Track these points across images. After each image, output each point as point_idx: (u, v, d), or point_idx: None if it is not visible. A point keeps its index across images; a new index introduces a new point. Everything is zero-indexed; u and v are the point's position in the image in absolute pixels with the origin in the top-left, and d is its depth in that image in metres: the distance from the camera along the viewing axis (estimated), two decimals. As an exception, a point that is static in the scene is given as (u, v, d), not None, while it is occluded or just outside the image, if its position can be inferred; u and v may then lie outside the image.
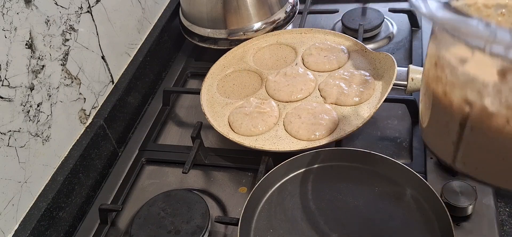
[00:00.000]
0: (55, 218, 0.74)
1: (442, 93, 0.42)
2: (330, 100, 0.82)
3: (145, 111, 0.99)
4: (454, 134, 0.43)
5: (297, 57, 0.94)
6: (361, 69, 0.87)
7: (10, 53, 0.67)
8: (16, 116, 0.68)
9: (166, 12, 1.12)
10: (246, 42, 1.00)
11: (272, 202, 0.69)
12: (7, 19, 0.66)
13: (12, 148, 0.68)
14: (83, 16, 0.82)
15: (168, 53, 1.10)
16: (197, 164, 0.82)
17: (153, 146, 0.88)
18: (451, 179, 0.69)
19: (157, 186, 0.81)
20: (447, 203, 0.64)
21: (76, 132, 0.82)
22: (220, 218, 0.71)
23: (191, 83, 1.05)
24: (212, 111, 0.86)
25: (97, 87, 0.87)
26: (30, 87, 0.71)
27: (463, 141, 0.42)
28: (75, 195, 0.78)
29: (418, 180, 0.65)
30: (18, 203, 0.69)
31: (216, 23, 1.01)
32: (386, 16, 1.07)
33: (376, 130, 0.83)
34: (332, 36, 0.97)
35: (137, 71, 0.97)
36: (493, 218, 0.65)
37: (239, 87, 0.91)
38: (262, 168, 0.75)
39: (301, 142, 0.76)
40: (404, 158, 0.77)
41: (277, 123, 0.81)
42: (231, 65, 0.96)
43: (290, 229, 0.65)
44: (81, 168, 0.80)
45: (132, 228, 0.71)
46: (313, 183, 0.70)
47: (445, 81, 0.42)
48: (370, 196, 0.67)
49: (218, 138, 0.86)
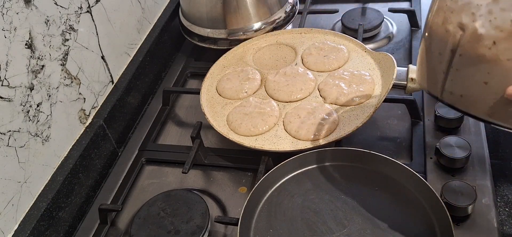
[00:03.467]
0: (55, 218, 0.74)
1: (441, 22, 0.46)
2: (329, 100, 0.82)
3: (145, 111, 0.99)
4: (445, 63, 0.46)
5: (297, 57, 0.94)
6: (360, 69, 0.87)
7: (10, 53, 0.66)
8: (16, 116, 0.68)
9: (166, 12, 1.12)
10: (245, 42, 1.00)
11: (272, 202, 0.69)
12: (6, 19, 0.66)
13: (11, 148, 0.68)
14: (83, 16, 0.82)
15: (168, 53, 1.10)
16: (197, 164, 0.82)
17: (153, 146, 0.88)
18: (451, 179, 0.69)
19: (157, 186, 0.81)
20: (447, 203, 0.64)
21: (76, 132, 0.82)
22: (220, 218, 0.71)
23: (191, 83, 1.05)
24: (212, 111, 0.86)
25: (97, 87, 0.87)
26: (29, 87, 0.71)
27: (452, 69, 0.46)
28: (75, 195, 0.78)
29: (418, 180, 0.65)
30: (18, 203, 0.69)
31: (216, 23, 1.01)
32: (385, 16, 1.07)
33: (376, 130, 0.83)
34: (332, 36, 0.97)
35: (137, 71, 0.97)
36: (493, 218, 0.65)
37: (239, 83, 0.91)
38: (262, 168, 0.75)
39: (301, 142, 0.76)
40: (404, 158, 0.77)
41: (276, 123, 0.81)
42: (231, 65, 0.96)
43: (290, 229, 0.65)
44: (81, 168, 0.80)
45: (132, 228, 0.71)
46: (313, 183, 0.70)
47: (446, 8, 0.46)
48: (370, 196, 0.67)
49: (218, 138, 0.86)
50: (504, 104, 0.43)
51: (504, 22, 0.40)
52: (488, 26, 0.42)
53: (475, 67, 0.44)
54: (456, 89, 0.47)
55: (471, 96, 0.46)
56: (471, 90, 0.46)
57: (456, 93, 0.47)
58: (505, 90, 0.42)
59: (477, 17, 0.42)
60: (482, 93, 0.44)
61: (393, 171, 0.68)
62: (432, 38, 0.48)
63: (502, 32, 0.41)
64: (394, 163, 0.68)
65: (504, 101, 0.42)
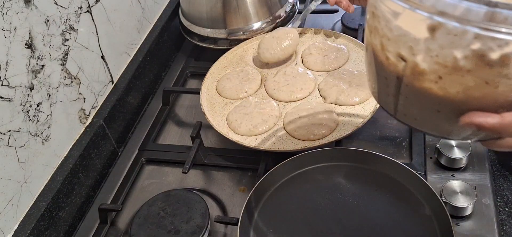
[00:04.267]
0: (54, 218, 0.74)
1: (379, 47, 0.42)
2: (329, 99, 0.82)
3: (144, 111, 0.99)
4: (393, 88, 0.43)
5: (297, 56, 0.94)
6: (361, 69, 0.87)
7: (9, 53, 0.66)
8: (16, 116, 0.68)
9: (166, 12, 1.12)
10: (245, 42, 1.00)
11: (272, 202, 0.69)
12: (6, 18, 0.66)
13: (11, 148, 0.68)
14: (83, 16, 0.82)
15: (167, 53, 1.10)
16: (196, 164, 0.82)
17: (152, 146, 0.88)
18: (451, 179, 0.69)
19: (157, 186, 0.81)
20: (447, 203, 0.64)
21: (75, 132, 0.82)
22: (220, 218, 0.71)
23: (191, 83, 1.05)
24: (212, 110, 0.86)
25: (97, 87, 0.87)
26: (29, 87, 0.71)
27: (402, 95, 0.43)
28: (74, 195, 0.78)
29: (418, 180, 0.65)
30: (18, 203, 0.69)
31: (216, 23, 1.01)
32: (385, 16, 1.06)
33: (376, 130, 0.83)
34: (332, 36, 0.97)
35: (136, 70, 0.97)
36: (492, 217, 0.65)
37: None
38: (262, 168, 0.75)
39: (301, 142, 0.76)
40: (404, 158, 0.77)
41: (276, 123, 0.81)
42: (230, 64, 0.96)
43: (290, 229, 0.65)
44: (80, 168, 0.80)
45: (132, 228, 0.71)
46: (313, 183, 0.70)
47: (382, 34, 0.41)
48: (370, 196, 0.67)
49: (218, 138, 0.86)
50: (461, 127, 0.40)
51: (447, 59, 0.37)
52: (430, 61, 0.38)
53: (424, 98, 0.40)
54: (409, 112, 0.45)
55: (425, 120, 0.44)
56: (424, 115, 0.43)
57: (409, 115, 0.45)
58: (459, 117, 0.39)
59: (416, 51, 0.38)
60: (436, 119, 0.42)
61: (393, 171, 0.68)
62: (375, 60, 0.44)
63: (446, 68, 0.37)
64: (394, 163, 0.68)
65: (460, 125, 0.40)
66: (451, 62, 0.37)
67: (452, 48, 0.36)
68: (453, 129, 0.42)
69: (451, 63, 0.37)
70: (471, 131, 0.42)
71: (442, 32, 0.36)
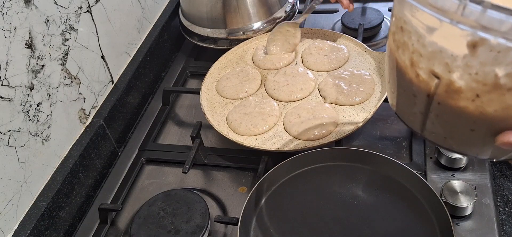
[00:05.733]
0: (54, 218, 0.74)
1: (408, 63, 0.41)
2: (329, 99, 0.82)
3: (144, 110, 0.99)
4: (422, 105, 0.41)
5: (297, 56, 0.94)
6: (361, 69, 0.87)
7: (9, 52, 0.66)
8: (16, 116, 0.68)
9: (166, 11, 1.12)
10: (245, 41, 1.00)
11: (272, 202, 0.69)
12: (6, 18, 0.66)
13: (11, 147, 0.68)
14: (83, 16, 0.82)
15: (167, 53, 1.10)
16: (196, 164, 0.82)
17: (152, 145, 0.88)
18: (451, 178, 0.69)
19: (157, 186, 0.81)
20: (447, 202, 0.64)
21: (75, 131, 0.82)
22: (219, 218, 0.71)
23: (191, 82, 1.05)
24: (212, 110, 0.86)
25: (97, 86, 0.87)
26: (29, 86, 0.71)
27: (431, 113, 0.41)
28: (74, 195, 0.78)
29: (418, 179, 0.65)
30: (18, 202, 0.69)
31: (216, 23, 1.01)
32: (385, 15, 1.06)
33: (376, 130, 0.83)
34: (332, 35, 0.97)
35: (136, 70, 0.97)
36: (492, 217, 0.65)
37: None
38: (262, 168, 0.75)
39: (301, 142, 0.76)
40: (404, 158, 0.77)
41: (276, 122, 0.81)
42: (230, 64, 0.96)
43: (290, 229, 0.65)
44: (80, 168, 0.80)
45: (132, 228, 0.71)
46: (313, 183, 0.70)
47: (412, 49, 0.40)
48: (370, 196, 0.67)
49: (218, 137, 0.86)
50: (495, 146, 0.39)
51: (487, 76, 0.35)
52: (468, 79, 0.36)
53: (458, 116, 0.39)
54: (439, 131, 0.43)
55: (457, 139, 0.42)
56: (456, 134, 0.42)
57: (439, 134, 0.43)
58: (494, 136, 0.38)
59: (453, 68, 0.37)
60: (469, 138, 0.40)
61: (393, 171, 0.68)
62: (401, 77, 0.42)
63: (485, 86, 0.36)
64: (394, 163, 0.68)
65: (494, 144, 0.39)
66: (492, 80, 0.35)
67: (494, 65, 0.35)
68: (486, 148, 0.41)
69: (492, 81, 0.35)
70: (503, 150, 0.40)
71: (484, 48, 0.34)
